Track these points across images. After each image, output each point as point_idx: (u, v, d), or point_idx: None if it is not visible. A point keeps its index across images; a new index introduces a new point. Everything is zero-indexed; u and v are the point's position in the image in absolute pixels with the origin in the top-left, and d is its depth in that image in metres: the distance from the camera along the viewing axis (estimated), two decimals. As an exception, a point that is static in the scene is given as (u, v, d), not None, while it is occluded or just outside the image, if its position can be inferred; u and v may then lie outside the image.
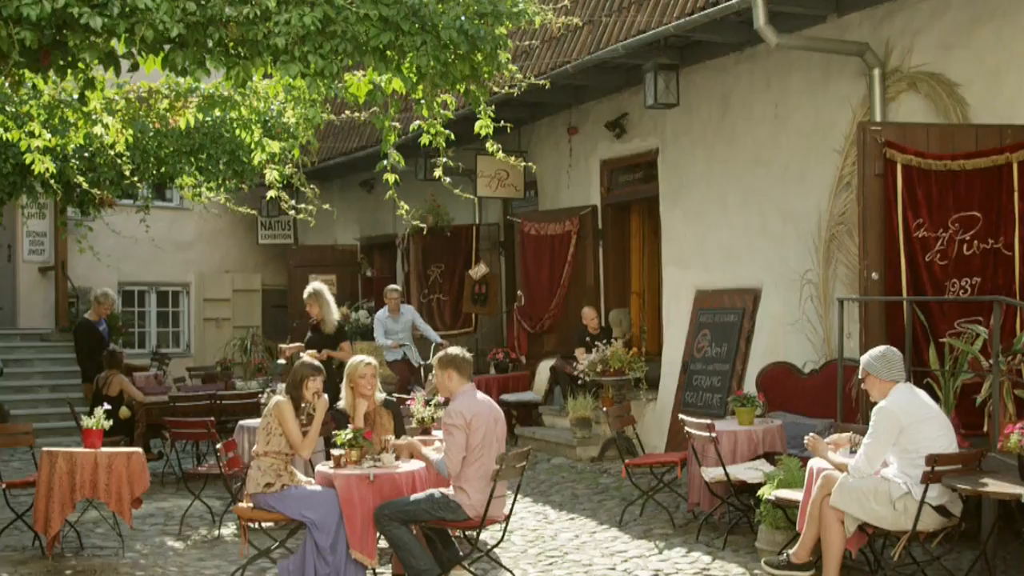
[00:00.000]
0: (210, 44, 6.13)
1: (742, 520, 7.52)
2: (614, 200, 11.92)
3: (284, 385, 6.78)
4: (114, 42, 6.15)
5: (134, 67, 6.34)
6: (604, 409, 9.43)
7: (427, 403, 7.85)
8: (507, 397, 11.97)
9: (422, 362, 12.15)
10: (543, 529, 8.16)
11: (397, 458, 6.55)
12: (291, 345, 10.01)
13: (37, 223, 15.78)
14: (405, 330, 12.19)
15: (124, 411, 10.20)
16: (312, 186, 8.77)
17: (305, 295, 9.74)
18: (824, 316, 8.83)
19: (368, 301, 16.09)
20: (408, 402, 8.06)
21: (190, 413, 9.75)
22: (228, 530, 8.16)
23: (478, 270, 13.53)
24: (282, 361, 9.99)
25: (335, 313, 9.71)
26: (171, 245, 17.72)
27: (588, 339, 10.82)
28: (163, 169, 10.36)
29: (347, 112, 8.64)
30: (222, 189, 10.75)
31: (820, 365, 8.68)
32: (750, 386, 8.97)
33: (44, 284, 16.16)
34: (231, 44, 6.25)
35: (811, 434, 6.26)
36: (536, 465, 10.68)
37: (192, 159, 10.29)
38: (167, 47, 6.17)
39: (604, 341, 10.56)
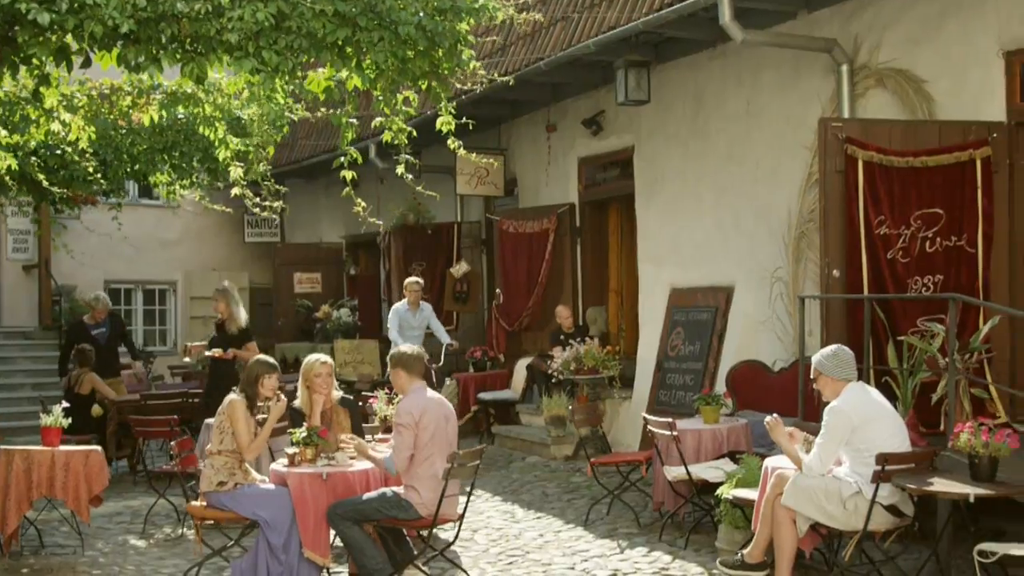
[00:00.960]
0: (163, 40, 6.10)
1: (705, 519, 7.48)
2: (592, 198, 11.88)
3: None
4: (69, 38, 6.13)
5: (86, 63, 6.31)
6: (569, 407, 9.39)
7: (390, 401, 7.81)
8: (485, 395, 11.95)
9: (436, 364, 11.27)
10: (508, 528, 8.11)
11: (352, 457, 6.52)
12: (196, 344, 10.02)
13: (21, 221, 15.77)
14: (421, 327, 11.67)
15: (96, 409, 10.21)
16: (268, 183, 8.71)
17: (213, 292, 9.72)
18: (794, 314, 8.77)
19: (352, 299, 16.06)
20: (371, 400, 8.03)
21: (162, 412, 9.70)
22: (192, 529, 8.12)
23: (459, 268, 13.49)
24: (188, 359, 10.01)
25: (242, 313, 9.59)
26: (157, 243, 17.74)
27: (562, 337, 10.78)
28: (137, 167, 10.34)
29: (322, 111, 8.58)
30: (196, 186, 10.73)
31: (789, 363, 8.62)
32: (722, 385, 8.94)
33: (28, 282, 16.17)
34: (187, 40, 6.22)
35: (774, 415, 6.17)
36: (510, 464, 10.65)
37: (165, 156, 10.28)
38: (120, 43, 6.15)
39: (578, 339, 10.52)
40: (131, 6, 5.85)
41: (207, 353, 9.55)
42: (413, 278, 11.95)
